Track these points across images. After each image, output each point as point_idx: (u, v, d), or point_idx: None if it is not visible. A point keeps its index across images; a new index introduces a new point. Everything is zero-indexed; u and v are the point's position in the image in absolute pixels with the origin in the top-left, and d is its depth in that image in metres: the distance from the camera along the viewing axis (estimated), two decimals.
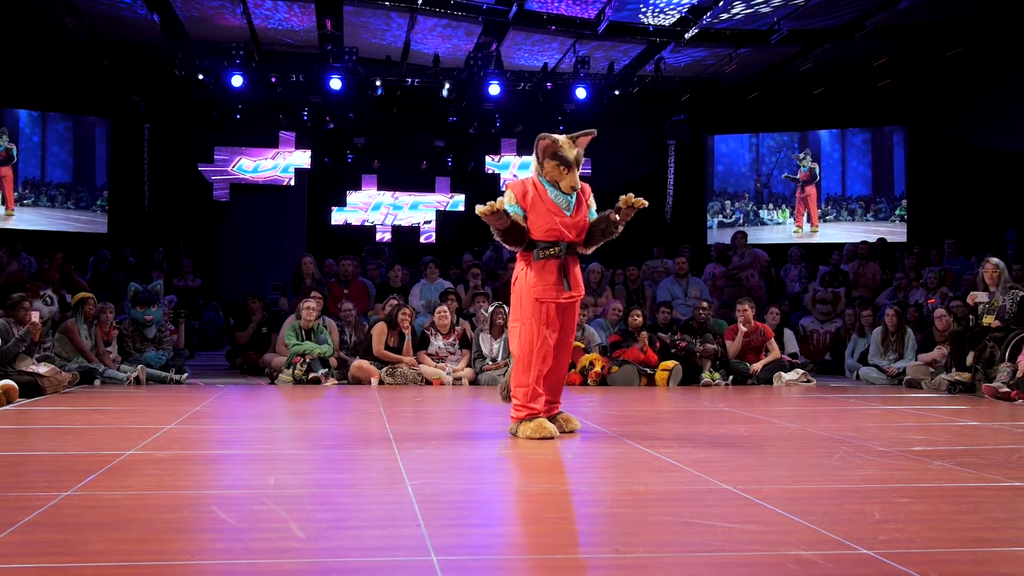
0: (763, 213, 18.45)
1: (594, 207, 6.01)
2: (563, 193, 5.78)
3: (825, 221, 18.03)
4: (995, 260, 9.94)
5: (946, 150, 16.52)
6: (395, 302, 10.54)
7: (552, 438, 5.64)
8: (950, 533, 3.33)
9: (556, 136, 5.84)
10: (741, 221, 18.34)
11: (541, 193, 5.80)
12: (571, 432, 5.95)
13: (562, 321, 5.81)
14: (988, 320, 9.62)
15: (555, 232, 5.73)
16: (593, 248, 6.04)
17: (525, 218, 5.77)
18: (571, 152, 5.77)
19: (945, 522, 3.53)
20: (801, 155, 18.19)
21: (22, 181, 16.59)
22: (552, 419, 5.88)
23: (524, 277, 5.81)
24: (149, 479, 4.23)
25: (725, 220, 18.51)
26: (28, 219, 16.53)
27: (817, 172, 18.06)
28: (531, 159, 5.95)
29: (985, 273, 9.84)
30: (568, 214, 5.79)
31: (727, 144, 18.80)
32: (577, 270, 5.89)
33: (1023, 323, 9.30)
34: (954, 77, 16.13)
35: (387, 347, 10.07)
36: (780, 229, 18.26)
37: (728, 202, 18.67)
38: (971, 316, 9.92)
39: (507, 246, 5.92)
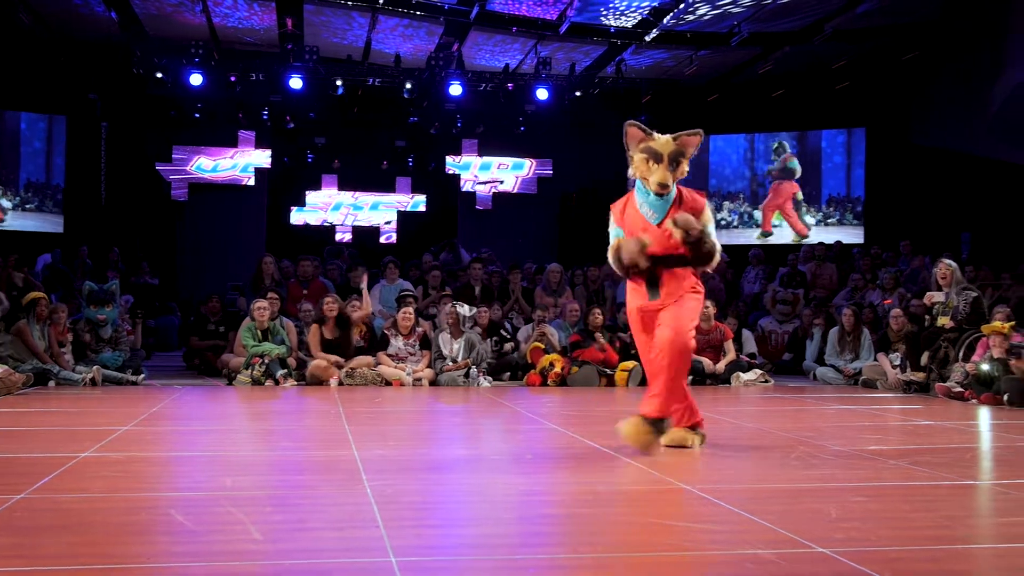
0: (757, 213, 18.41)
1: (710, 223, 5.28)
2: (652, 199, 5.21)
3: (826, 225, 17.88)
4: (948, 261, 10.08)
5: (903, 152, 16.71)
6: (357, 303, 10.52)
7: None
8: (905, 531, 3.38)
9: (648, 129, 5.26)
10: (736, 223, 18.38)
11: (631, 203, 5.34)
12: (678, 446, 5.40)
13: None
14: (943, 321, 9.75)
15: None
16: (703, 265, 5.38)
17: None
18: (664, 146, 5.15)
19: (900, 520, 3.57)
20: (775, 145, 18.16)
21: None
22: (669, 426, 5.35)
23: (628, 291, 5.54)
24: (104, 481, 4.19)
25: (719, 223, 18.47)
26: None
27: (797, 170, 18.01)
28: (491, 160, 5.79)
29: (938, 274, 9.97)
30: (655, 223, 5.21)
31: (725, 143, 18.77)
32: (671, 276, 5.26)
33: (976, 323, 9.43)
34: (911, 80, 16.33)
35: (327, 342, 10.05)
36: (749, 232, 18.29)
37: (726, 203, 18.66)
38: (927, 316, 10.04)
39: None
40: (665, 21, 13.90)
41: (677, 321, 5.19)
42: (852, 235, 17.26)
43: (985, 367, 8.76)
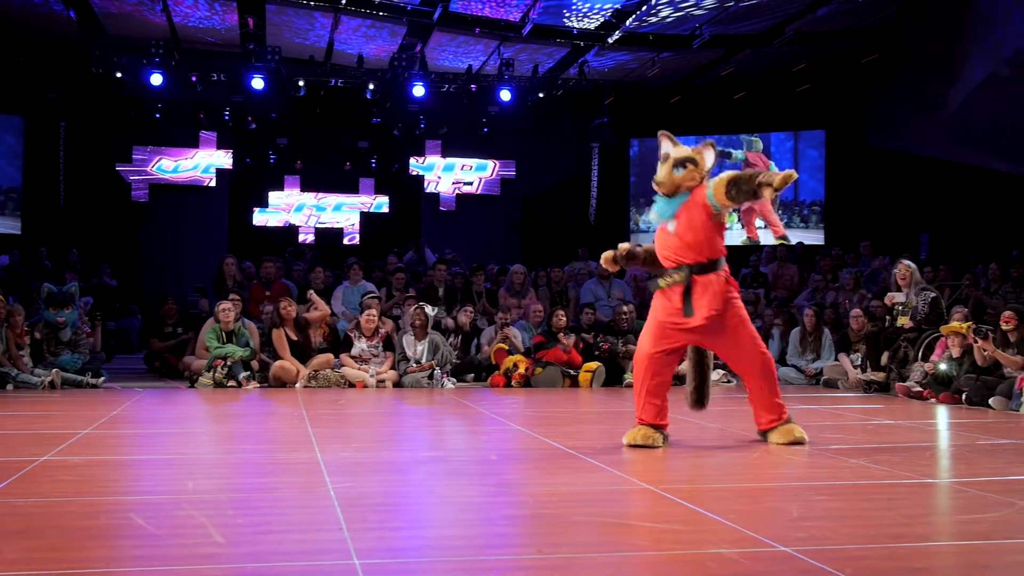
0: None
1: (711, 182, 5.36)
2: (659, 200, 5.43)
3: (788, 228, 17.89)
4: (907, 262, 10.19)
5: (863, 154, 16.88)
6: (317, 314, 10.46)
7: (654, 447, 5.36)
8: (865, 529, 3.41)
9: (674, 139, 5.51)
10: None
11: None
12: (793, 443, 5.48)
13: (714, 343, 5.55)
14: (902, 321, 9.86)
15: (670, 257, 5.43)
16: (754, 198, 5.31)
17: None
18: (678, 151, 5.39)
19: (860, 518, 3.61)
20: (751, 141, 18.20)
21: None
22: (772, 431, 5.57)
23: (652, 304, 5.60)
24: (64, 485, 4.15)
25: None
26: None
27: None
28: (454, 161, 5.81)
29: (898, 274, 10.08)
30: (670, 230, 5.42)
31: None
32: (703, 290, 5.34)
33: (935, 324, 9.55)
34: (870, 83, 16.51)
35: (292, 344, 10.00)
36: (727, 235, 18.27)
37: None
38: (887, 317, 10.15)
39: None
40: (627, 23, 13.96)
41: (759, 342, 5.60)
42: (813, 237, 17.40)
43: (943, 367, 8.87)
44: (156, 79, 14.93)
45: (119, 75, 15.06)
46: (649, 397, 5.47)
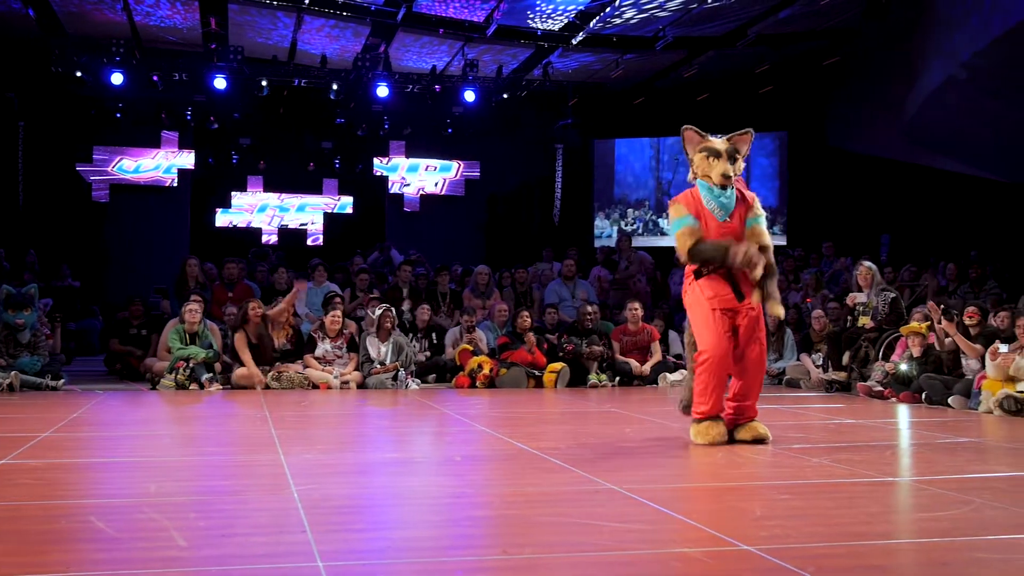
0: (663, 222, 18.59)
1: (762, 215, 5.68)
2: (717, 194, 5.52)
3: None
4: (868, 263, 10.32)
5: (824, 156, 17.03)
6: (281, 306, 10.40)
7: (718, 443, 5.44)
8: (827, 528, 3.44)
9: (703, 132, 5.71)
10: (640, 230, 18.53)
11: (698, 200, 5.59)
12: (758, 442, 5.59)
13: (746, 334, 5.59)
14: (863, 321, 9.97)
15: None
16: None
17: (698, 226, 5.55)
18: (721, 144, 5.58)
19: (822, 517, 3.64)
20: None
21: None
22: (740, 427, 5.65)
23: (693, 291, 5.64)
24: (22, 489, 4.09)
25: (625, 228, 18.59)
26: None
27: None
28: (418, 162, 5.83)
29: (859, 276, 10.20)
30: (723, 219, 5.53)
31: (629, 149, 18.89)
32: (745, 276, 5.55)
33: (895, 324, 9.66)
34: (831, 85, 16.66)
35: (253, 347, 9.94)
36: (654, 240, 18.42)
37: (631, 210, 18.79)
38: (849, 317, 10.25)
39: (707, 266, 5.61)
40: (591, 25, 13.99)
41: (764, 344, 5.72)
42: (774, 238, 17.50)
43: (903, 367, 8.97)
44: (117, 78, 14.78)
45: (79, 74, 14.89)
46: (721, 391, 5.57)
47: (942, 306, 8.71)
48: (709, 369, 5.51)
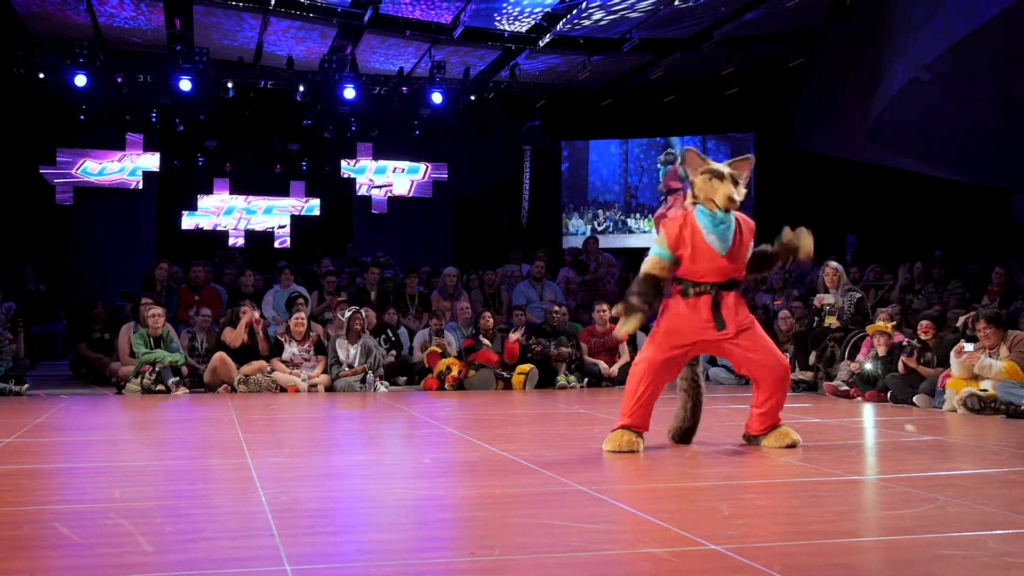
0: (631, 222, 18.66)
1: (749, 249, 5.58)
2: (717, 222, 5.31)
3: None
4: (834, 264, 10.41)
5: (790, 157, 17.14)
6: (246, 308, 10.33)
7: (623, 451, 5.29)
8: (794, 526, 3.46)
9: (703, 156, 5.49)
10: (611, 229, 18.56)
11: (695, 230, 5.34)
12: (789, 447, 5.47)
13: (746, 345, 5.42)
14: (830, 321, 10.05)
15: (708, 277, 5.35)
16: (752, 275, 5.84)
17: (674, 262, 5.38)
18: (723, 167, 5.37)
19: (789, 516, 3.66)
20: (661, 158, 18.40)
21: None
22: (767, 434, 5.54)
23: (669, 311, 5.48)
24: None
25: (598, 227, 18.60)
26: None
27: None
28: (386, 163, 5.79)
29: (825, 276, 10.28)
30: (722, 253, 5.34)
31: (598, 153, 18.93)
32: (731, 302, 5.44)
33: (861, 324, 9.75)
34: (797, 87, 16.78)
35: (245, 347, 9.92)
36: (648, 237, 18.46)
37: (600, 211, 18.82)
38: (816, 317, 10.33)
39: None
40: (559, 26, 14.01)
41: (779, 351, 5.64)
42: None
43: (869, 366, 9.06)
44: (80, 80, 14.63)
45: (42, 76, 14.73)
46: (644, 403, 5.42)
47: (894, 343, 8.91)
48: (639, 376, 5.44)
